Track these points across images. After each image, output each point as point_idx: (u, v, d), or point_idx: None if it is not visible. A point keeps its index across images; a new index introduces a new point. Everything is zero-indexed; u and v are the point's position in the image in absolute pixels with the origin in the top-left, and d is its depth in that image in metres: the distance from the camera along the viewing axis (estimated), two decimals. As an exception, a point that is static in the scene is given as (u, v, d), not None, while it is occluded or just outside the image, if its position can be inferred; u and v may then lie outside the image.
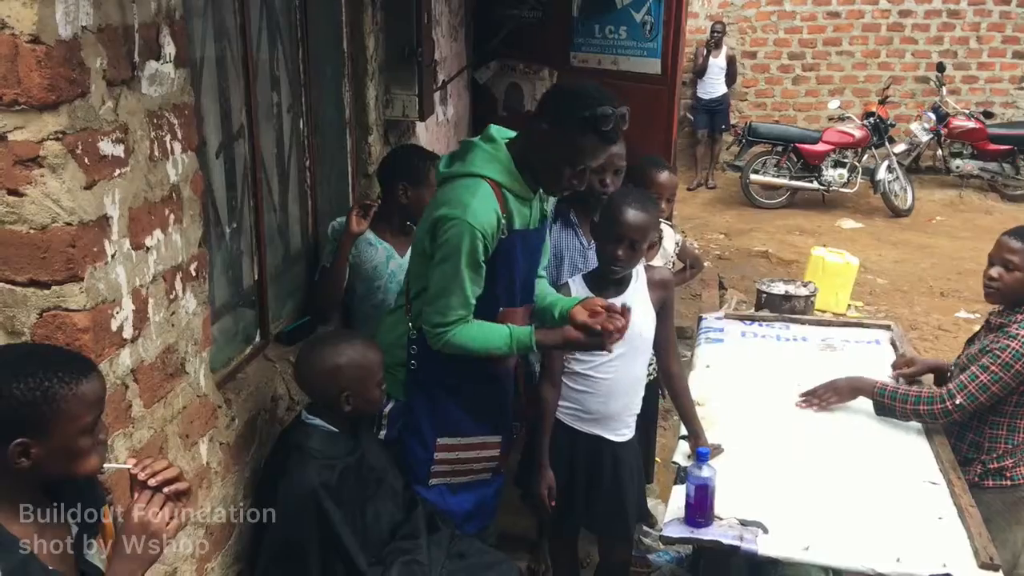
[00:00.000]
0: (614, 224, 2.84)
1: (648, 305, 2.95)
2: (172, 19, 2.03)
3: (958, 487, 2.71)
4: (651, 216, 2.85)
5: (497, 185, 2.47)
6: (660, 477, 4.26)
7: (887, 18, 11.28)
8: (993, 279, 2.98)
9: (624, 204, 2.84)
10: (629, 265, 2.87)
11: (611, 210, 2.91)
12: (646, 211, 2.83)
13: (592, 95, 2.42)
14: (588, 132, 2.39)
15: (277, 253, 2.94)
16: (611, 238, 2.84)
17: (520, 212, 2.55)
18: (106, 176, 1.81)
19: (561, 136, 2.41)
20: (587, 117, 2.36)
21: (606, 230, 2.89)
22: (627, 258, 2.82)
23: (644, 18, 3.75)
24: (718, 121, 11.08)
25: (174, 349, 2.12)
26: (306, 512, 2.35)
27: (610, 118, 2.38)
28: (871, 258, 8.51)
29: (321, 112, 3.18)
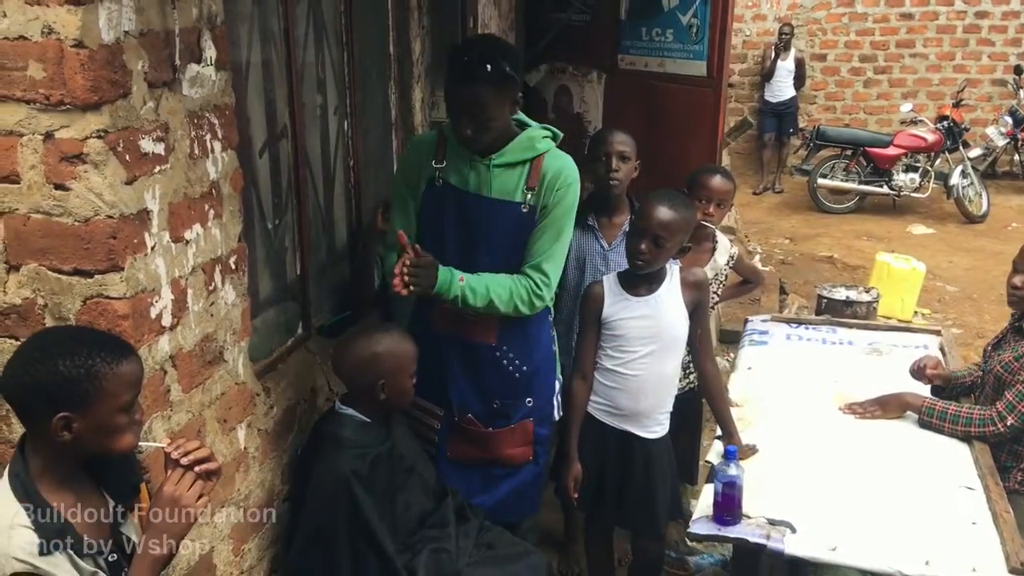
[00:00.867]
0: (640, 218, 2.88)
1: (680, 305, 2.96)
2: (213, 24, 2.14)
3: (995, 493, 2.67)
4: (680, 215, 2.85)
5: (444, 137, 2.67)
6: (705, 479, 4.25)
7: (963, 19, 11.00)
8: (1017, 287, 2.94)
9: (654, 200, 2.86)
10: (652, 261, 2.86)
11: (641, 205, 2.95)
12: (675, 210, 2.84)
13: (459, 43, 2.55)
14: (448, 75, 2.53)
15: (321, 250, 3.04)
16: (636, 231, 2.87)
17: (458, 169, 2.66)
18: (146, 172, 1.93)
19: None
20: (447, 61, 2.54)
21: (634, 224, 2.93)
22: (650, 253, 2.83)
23: (690, 20, 3.76)
24: (786, 124, 10.93)
25: (213, 338, 2.23)
26: (338, 499, 2.43)
27: (457, 55, 2.49)
28: (941, 265, 8.31)
29: (367, 113, 3.27)
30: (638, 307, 2.95)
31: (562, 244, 2.70)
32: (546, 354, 2.90)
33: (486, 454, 2.89)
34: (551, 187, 2.64)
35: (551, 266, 2.69)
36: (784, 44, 10.75)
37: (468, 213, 2.68)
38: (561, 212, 2.66)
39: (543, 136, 2.69)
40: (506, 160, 2.64)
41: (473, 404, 2.84)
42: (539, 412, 2.90)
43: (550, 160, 2.66)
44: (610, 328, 2.97)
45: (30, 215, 1.86)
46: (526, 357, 2.84)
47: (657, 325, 2.95)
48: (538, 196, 2.65)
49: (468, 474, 2.90)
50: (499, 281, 2.65)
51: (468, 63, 2.46)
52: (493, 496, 2.92)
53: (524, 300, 2.67)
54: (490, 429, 2.86)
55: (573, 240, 3.37)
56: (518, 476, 2.93)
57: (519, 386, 2.85)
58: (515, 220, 2.66)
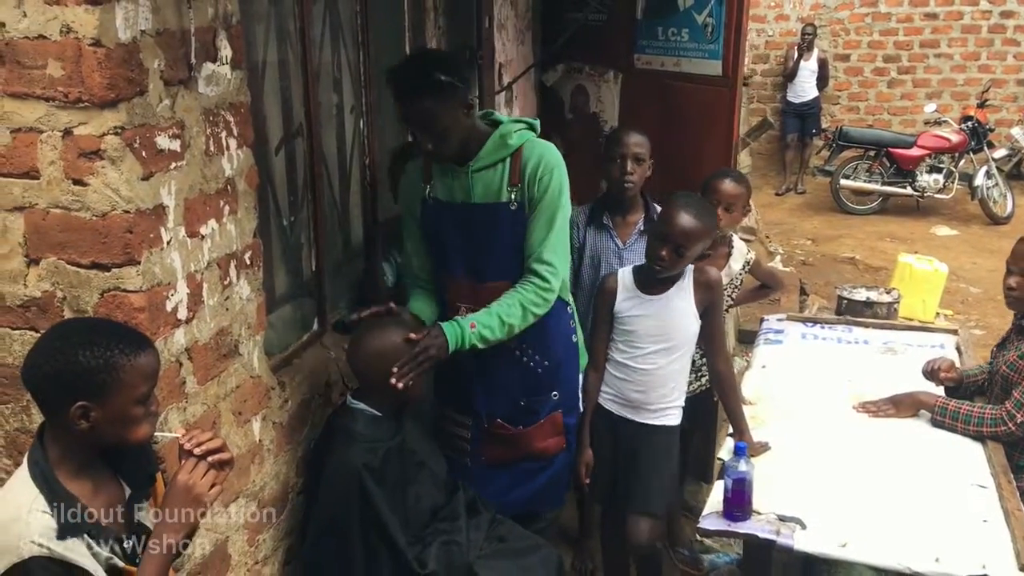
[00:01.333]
0: (663, 223, 2.90)
1: (691, 306, 2.98)
2: (229, 24, 2.18)
3: (1007, 491, 2.66)
4: (702, 224, 2.86)
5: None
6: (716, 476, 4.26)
7: (988, 19, 10.91)
8: (1012, 288, 2.94)
9: (678, 206, 2.88)
10: (671, 268, 2.89)
11: (665, 209, 2.97)
12: (698, 219, 2.85)
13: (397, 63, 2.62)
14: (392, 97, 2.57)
15: (337, 247, 3.08)
16: (657, 236, 2.90)
17: (444, 183, 2.69)
18: (162, 168, 1.97)
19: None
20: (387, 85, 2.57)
21: (656, 227, 2.95)
22: (669, 260, 2.86)
23: (706, 20, 3.76)
24: (808, 125, 10.90)
25: (228, 332, 2.27)
26: (350, 491, 2.47)
27: (391, 76, 2.53)
28: (965, 266, 8.25)
29: (383, 112, 3.31)
30: (649, 306, 2.98)
31: (558, 228, 2.66)
32: (567, 345, 2.91)
33: (520, 452, 2.91)
34: (533, 177, 2.62)
35: (552, 254, 2.66)
36: (807, 44, 10.71)
37: (462, 224, 2.70)
38: (549, 198, 2.63)
39: (516, 130, 2.66)
40: (484, 163, 2.63)
41: (500, 408, 2.86)
42: (566, 403, 2.93)
43: (528, 152, 2.64)
44: (621, 323, 3.01)
45: (49, 210, 1.91)
46: (546, 351, 2.85)
47: (667, 325, 2.98)
48: (523, 191, 2.63)
49: (503, 472, 2.92)
50: (506, 302, 2.63)
51: (403, 79, 2.49)
52: (529, 489, 2.95)
53: (537, 303, 2.66)
54: (520, 428, 2.88)
55: (588, 239, 3.41)
56: (553, 466, 2.97)
57: (543, 382, 2.87)
58: (507, 220, 2.66)
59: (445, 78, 2.46)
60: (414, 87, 2.46)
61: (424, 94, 2.45)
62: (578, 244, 3.44)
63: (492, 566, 2.60)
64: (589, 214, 3.47)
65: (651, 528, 3.03)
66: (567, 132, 4.61)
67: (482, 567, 2.58)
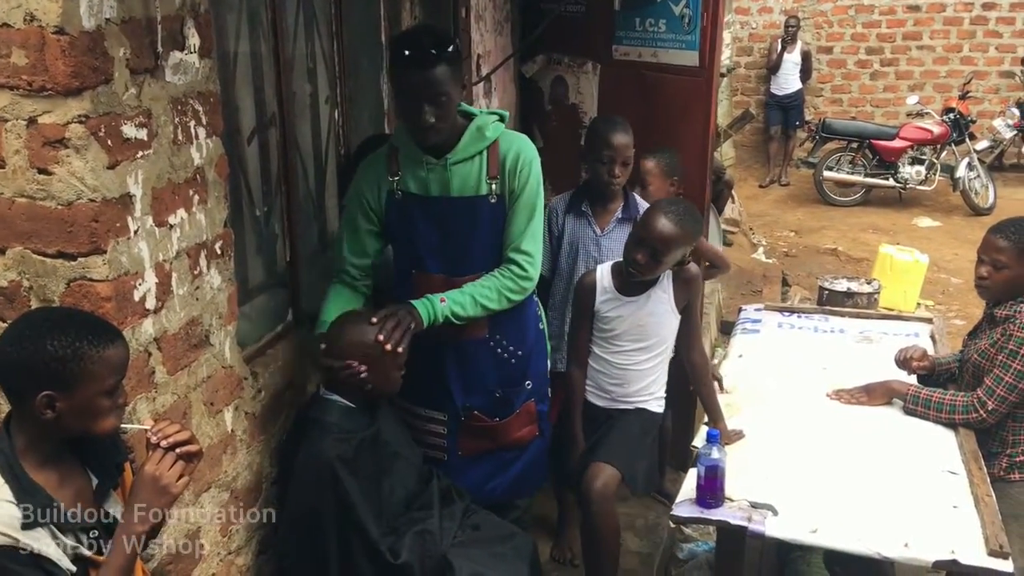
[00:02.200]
0: (643, 227, 2.90)
1: (671, 304, 3.01)
2: (197, 12, 2.17)
3: (977, 477, 2.69)
4: (682, 231, 2.86)
5: (395, 149, 2.67)
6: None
7: (970, 11, 10.97)
8: (983, 278, 2.95)
9: (659, 211, 2.88)
10: (647, 272, 2.90)
11: (647, 213, 2.97)
12: (678, 225, 2.85)
13: (399, 36, 2.60)
14: (394, 61, 2.53)
15: (312, 237, 3.07)
16: (636, 240, 2.90)
17: (416, 176, 2.65)
18: (129, 157, 1.96)
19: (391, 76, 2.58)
20: (394, 56, 2.53)
21: (635, 231, 2.95)
22: (646, 264, 2.87)
23: (683, 11, 3.77)
24: (792, 117, 10.94)
25: (198, 322, 2.26)
26: (323, 482, 2.46)
27: (406, 44, 2.49)
28: (946, 257, 8.31)
29: (359, 103, 3.30)
30: (628, 307, 3.00)
31: (536, 220, 2.69)
32: (536, 334, 2.93)
33: (497, 443, 2.92)
34: (512, 171, 2.63)
35: (531, 244, 2.68)
36: (790, 37, 10.75)
37: (437, 217, 2.68)
38: (529, 192, 2.65)
39: (492, 122, 2.66)
40: (461, 156, 2.62)
41: (476, 400, 2.87)
42: (537, 391, 2.95)
43: (505, 144, 2.65)
44: (600, 322, 3.04)
45: (14, 199, 1.90)
46: (520, 342, 2.87)
47: (646, 325, 3.01)
48: (502, 183, 2.64)
49: (481, 464, 2.93)
50: (482, 284, 2.66)
51: (420, 45, 2.46)
52: (505, 478, 2.96)
53: (514, 289, 2.68)
54: (497, 419, 2.89)
55: (567, 226, 3.43)
56: (528, 453, 2.99)
57: (517, 372, 2.89)
58: (486, 213, 2.66)
59: (455, 49, 2.50)
60: (433, 53, 2.44)
61: (441, 60, 2.45)
62: (557, 232, 3.46)
63: (466, 554, 2.60)
64: (568, 202, 3.48)
65: (607, 477, 2.93)
66: (546, 123, 4.61)
67: (456, 556, 2.58)
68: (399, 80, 2.55)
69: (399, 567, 2.50)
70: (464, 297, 2.63)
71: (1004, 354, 2.83)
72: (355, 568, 2.50)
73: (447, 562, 2.56)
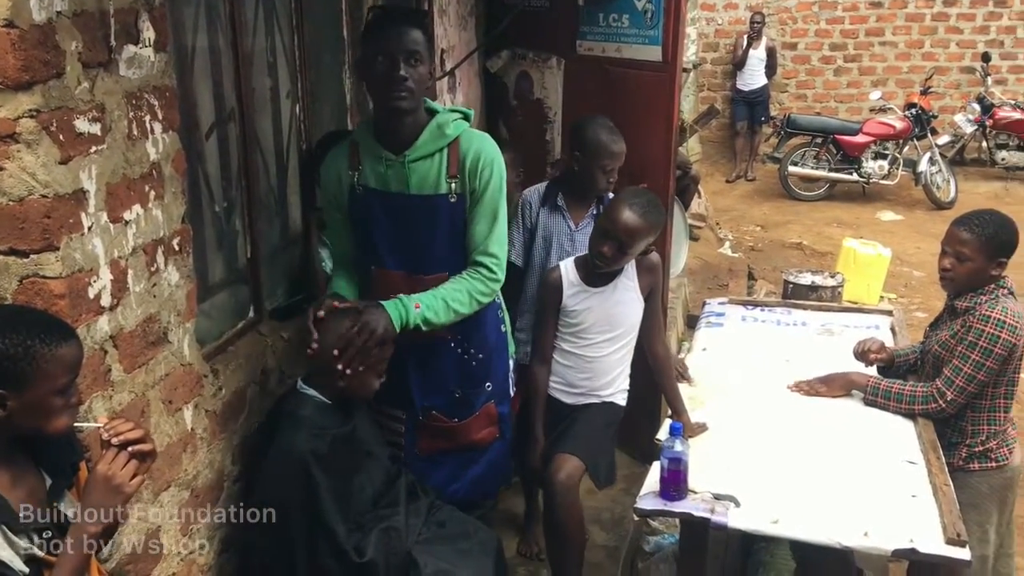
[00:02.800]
0: (607, 219, 2.91)
1: (637, 292, 3.02)
2: (151, 5, 2.14)
3: (936, 467, 2.72)
4: (646, 223, 2.88)
5: (356, 144, 2.65)
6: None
7: (931, 7, 11.12)
8: (946, 270, 2.98)
9: (624, 203, 2.89)
10: (612, 264, 2.92)
11: (611, 206, 2.98)
12: (644, 218, 2.87)
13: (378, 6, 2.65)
14: (370, 25, 2.57)
15: (274, 233, 3.05)
16: (601, 232, 2.91)
17: (375, 172, 2.63)
18: (82, 152, 1.93)
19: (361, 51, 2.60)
20: (371, 24, 2.57)
21: (600, 223, 2.97)
22: (611, 256, 2.88)
23: (646, 6, 3.78)
24: (758, 113, 11.03)
25: (156, 319, 2.23)
26: (293, 477, 2.44)
27: (382, 10, 2.56)
28: (909, 250, 8.41)
29: (320, 98, 3.28)
30: (596, 298, 3.01)
31: (501, 221, 2.66)
32: (498, 335, 2.91)
33: (455, 444, 2.90)
34: (474, 171, 2.59)
35: (497, 246, 2.66)
36: (756, 33, 10.82)
37: (396, 214, 2.65)
38: (492, 192, 2.61)
39: (453, 120, 2.63)
40: (420, 153, 2.59)
41: (436, 399, 2.85)
42: (498, 393, 2.93)
43: (466, 143, 2.61)
44: (568, 316, 3.04)
45: (-36, 195, 1.86)
46: (482, 343, 2.85)
47: (614, 314, 3.02)
48: (463, 183, 2.61)
49: (440, 464, 2.91)
50: (453, 288, 2.62)
51: (403, 9, 2.49)
52: (467, 478, 2.95)
53: (484, 292, 2.66)
54: (456, 420, 2.87)
55: (541, 220, 3.43)
56: (488, 454, 2.97)
57: (477, 373, 2.87)
58: (446, 212, 2.63)
59: (429, 28, 2.54)
60: (410, 13, 2.50)
61: (419, 25, 2.49)
62: (530, 224, 3.46)
63: (431, 551, 2.60)
64: (543, 194, 3.48)
65: (571, 468, 2.94)
66: (511, 118, 4.62)
67: (421, 552, 2.58)
68: (375, 41, 2.48)
69: (364, 565, 2.49)
70: (437, 302, 2.58)
71: (964, 345, 2.87)
72: (321, 565, 2.49)
73: (412, 559, 2.56)
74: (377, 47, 2.48)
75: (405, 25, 2.47)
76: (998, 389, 2.90)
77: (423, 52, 2.49)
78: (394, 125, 2.58)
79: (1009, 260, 2.94)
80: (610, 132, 3.33)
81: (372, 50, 2.48)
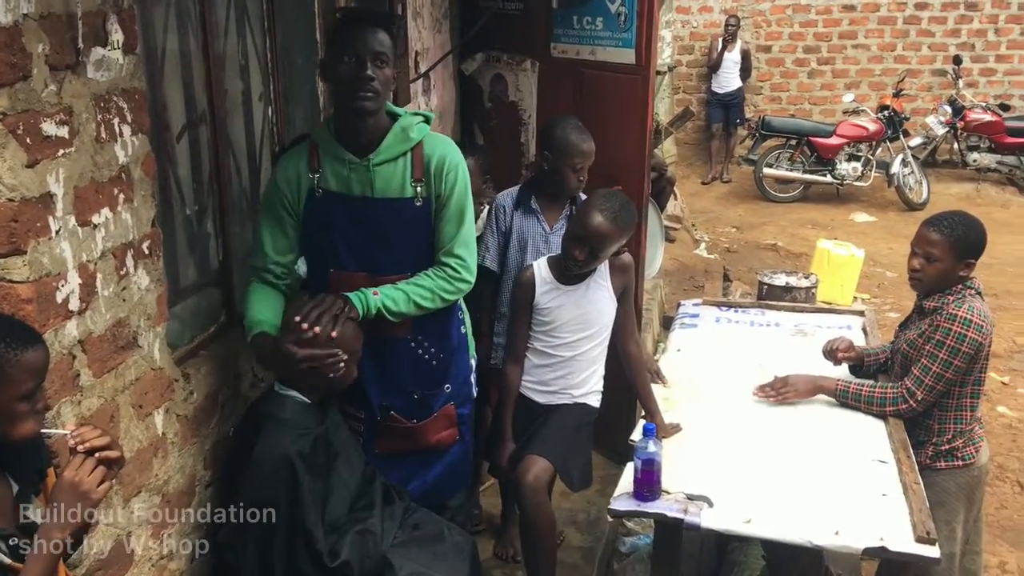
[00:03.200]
0: (578, 223, 2.92)
1: (609, 291, 3.03)
2: (120, 7, 2.12)
3: (906, 466, 2.75)
4: (619, 227, 2.90)
5: (315, 146, 2.63)
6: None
7: (903, 11, 11.24)
8: (916, 270, 3.00)
9: (595, 207, 2.90)
10: (585, 267, 2.93)
11: (581, 209, 2.99)
12: (615, 222, 2.88)
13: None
14: (338, 25, 2.57)
15: (246, 236, 3.03)
16: (572, 236, 2.93)
17: (337, 174, 2.61)
18: (49, 156, 1.91)
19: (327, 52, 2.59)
20: (339, 25, 2.57)
21: (571, 227, 2.98)
22: (583, 259, 2.90)
23: (619, 9, 3.79)
24: (733, 115, 11.10)
25: (125, 323, 2.22)
26: (280, 477, 2.43)
27: (351, 12, 2.59)
28: (882, 251, 8.49)
29: (293, 100, 3.27)
30: (569, 296, 3.01)
31: (468, 224, 2.67)
32: (458, 336, 2.89)
33: (414, 446, 2.89)
34: (439, 175, 2.60)
35: (463, 249, 2.66)
36: (730, 36, 10.90)
37: (359, 218, 2.63)
38: (457, 196, 2.62)
39: (416, 123, 2.63)
40: (385, 156, 2.58)
41: (394, 400, 2.83)
42: (457, 395, 2.91)
43: (430, 146, 2.61)
44: (541, 315, 3.04)
45: (-70, 198, 1.84)
46: (441, 344, 2.83)
47: (587, 313, 3.02)
48: (428, 186, 2.61)
49: (399, 464, 2.90)
50: (416, 283, 2.62)
51: (369, 12, 2.52)
52: (426, 480, 2.93)
53: (449, 290, 2.66)
54: (414, 421, 2.86)
55: (515, 222, 3.42)
56: (447, 456, 2.96)
57: (436, 374, 2.85)
58: (411, 216, 2.62)
59: (396, 32, 2.53)
60: (380, 16, 2.52)
61: (387, 27, 2.50)
62: (505, 228, 3.45)
63: (406, 554, 2.59)
64: (516, 197, 3.48)
65: (540, 469, 2.94)
66: (486, 121, 4.62)
67: (396, 555, 2.57)
68: (342, 42, 2.49)
69: (338, 567, 2.48)
70: (397, 293, 2.59)
71: (932, 344, 2.90)
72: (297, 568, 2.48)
73: (387, 562, 2.55)
74: (343, 48, 2.48)
75: (372, 26, 2.48)
76: (964, 388, 2.94)
77: (389, 54, 2.49)
78: (357, 127, 2.57)
79: (977, 261, 2.97)
80: (579, 131, 3.34)
81: (338, 51, 2.48)
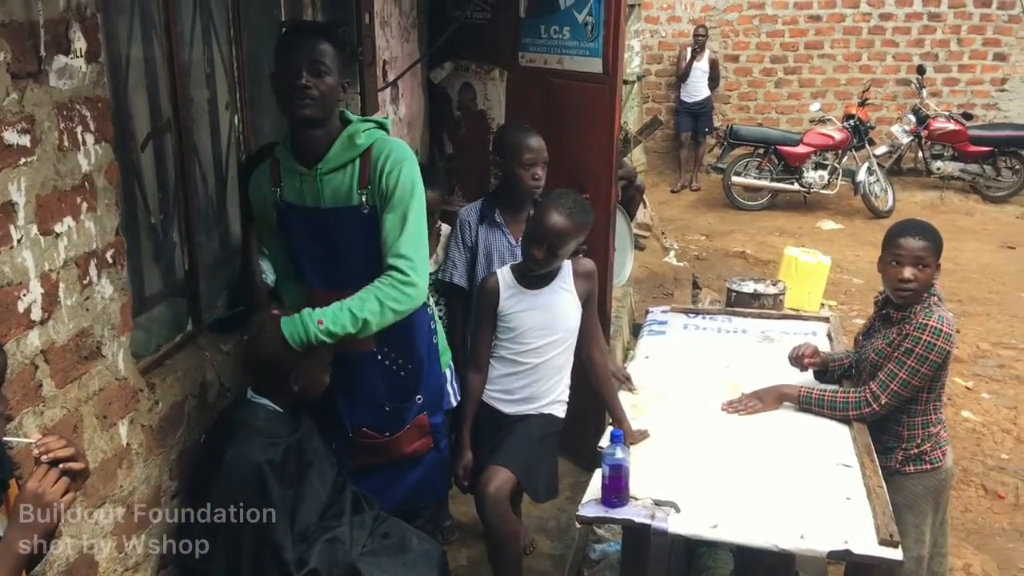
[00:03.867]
0: (536, 224, 2.95)
1: (573, 296, 3.05)
2: (83, 16, 2.11)
3: (870, 469, 2.79)
4: (576, 224, 2.92)
5: (277, 160, 2.65)
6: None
7: (868, 21, 11.40)
8: (909, 280, 2.94)
9: (551, 206, 2.92)
10: (546, 266, 2.96)
11: (538, 210, 3.01)
12: (571, 218, 2.90)
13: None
14: (286, 40, 2.56)
15: (213, 244, 3.01)
16: (531, 237, 2.95)
17: (292, 186, 2.62)
18: (10, 164, 1.90)
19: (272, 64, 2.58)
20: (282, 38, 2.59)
21: (529, 228, 3.00)
22: (544, 259, 2.92)
23: (586, 19, 3.82)
24: (701, 124, 11.19)
25: (89, 333, 2.20)
26: (248, 486, 2.42)
27: (292, 25, 2.68)
28: (848, 258, 8.58)
29: (260, 108, 3.26)
30: (533, 300, 3.03)
31: (414, 223, 2.53)
32: (428, 345, 2.87)
33: (388, 457, 2.88)
34: (381, 174, 2.53)
35: (410, 247, 2.51)
36: (699, 45, 10.99)
37: (314, 227, 2.63)
38: (400, 193, 2.52)
39: (365, 130, 2.58)
40: (332, 165, 2.56)
41: (365, 415, 2.82)
42: (430, 404, 2.91)
43: (377, 151, 2.56)
44: (506, 321, 3.05)
45: None
46: (409, 354, 2.81)
47: (552, 318, 3.04)
48: (373, 193, 2.55)
49: (373, 476, 2.89)
50: (359, 296, 2.48)
51: (310, 24, 2.57)
52: (402, 489, 2.93)
53: (397, 297, 2.49)
54: (387, 435, 2.85)
55: (481, 236, 3.41)
56: (422, 465, 2.95)
57: (407, 385, 2.83)
58: (360, 225, 2.58)
59: (342, 38, 2.55)
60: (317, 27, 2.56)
61: (325, 37, 2.50)
62: (471, 243, 3.45)
63: (375, 563, 2.58)
64: (480, 212, 3.47)
65: (501, 480, 2.92)
66: (456, 130, 4.62)
67: (365, 564, 2.56)
68: (279, 53, 2.52)
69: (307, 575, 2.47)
70: (343, 313, 2.45)
71: (900, 351, 2.94)
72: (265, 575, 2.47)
73: (356, 570, 2.54)
74: (281, 59, 2.49)
75: (311, 37, 2.49)
76: (931, 395, 2.99)
77: (329, 63, 2.47)
78: (304, 137, 2.57)
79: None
80: (524, 130, 3.36)
81: (278, 62, 2.50)
